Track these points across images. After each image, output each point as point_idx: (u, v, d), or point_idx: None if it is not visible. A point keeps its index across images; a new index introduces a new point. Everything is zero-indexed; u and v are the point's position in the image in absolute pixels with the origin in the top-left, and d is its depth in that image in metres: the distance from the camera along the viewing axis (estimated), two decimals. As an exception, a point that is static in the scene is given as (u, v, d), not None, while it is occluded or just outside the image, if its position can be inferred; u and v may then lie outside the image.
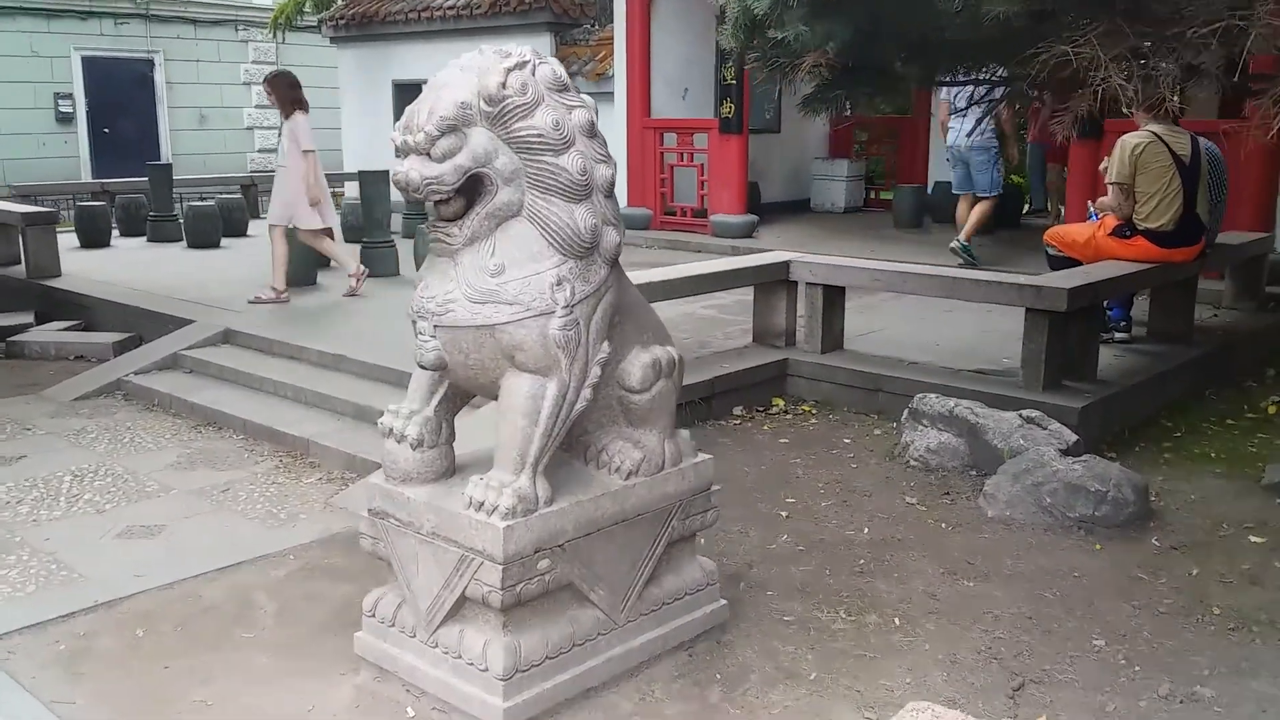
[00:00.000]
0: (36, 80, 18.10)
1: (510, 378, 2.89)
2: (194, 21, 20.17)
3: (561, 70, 2.94)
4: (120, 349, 7.24)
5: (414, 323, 2.98)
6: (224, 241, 11.26)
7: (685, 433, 3.38)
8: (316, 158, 7.94)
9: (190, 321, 7.14)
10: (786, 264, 6.24)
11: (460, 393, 3.15)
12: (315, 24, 16.28)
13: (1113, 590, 3.82)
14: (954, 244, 8.94)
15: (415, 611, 3.06)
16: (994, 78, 3.82)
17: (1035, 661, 3.36)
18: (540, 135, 2.81)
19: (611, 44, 12.13)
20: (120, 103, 19.34)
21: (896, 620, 3.61)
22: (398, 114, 14.12)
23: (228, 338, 6.89)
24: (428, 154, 2.78)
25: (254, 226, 12.28)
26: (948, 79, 3.76)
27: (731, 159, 10.85)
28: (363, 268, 8.22)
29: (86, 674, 3.27)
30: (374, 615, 3.21)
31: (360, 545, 3.23)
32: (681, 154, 11.56)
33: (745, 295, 6.80)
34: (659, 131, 11.55)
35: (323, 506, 4.67)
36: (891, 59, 3.19)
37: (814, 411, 5.89)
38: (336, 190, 17.49)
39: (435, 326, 2.90)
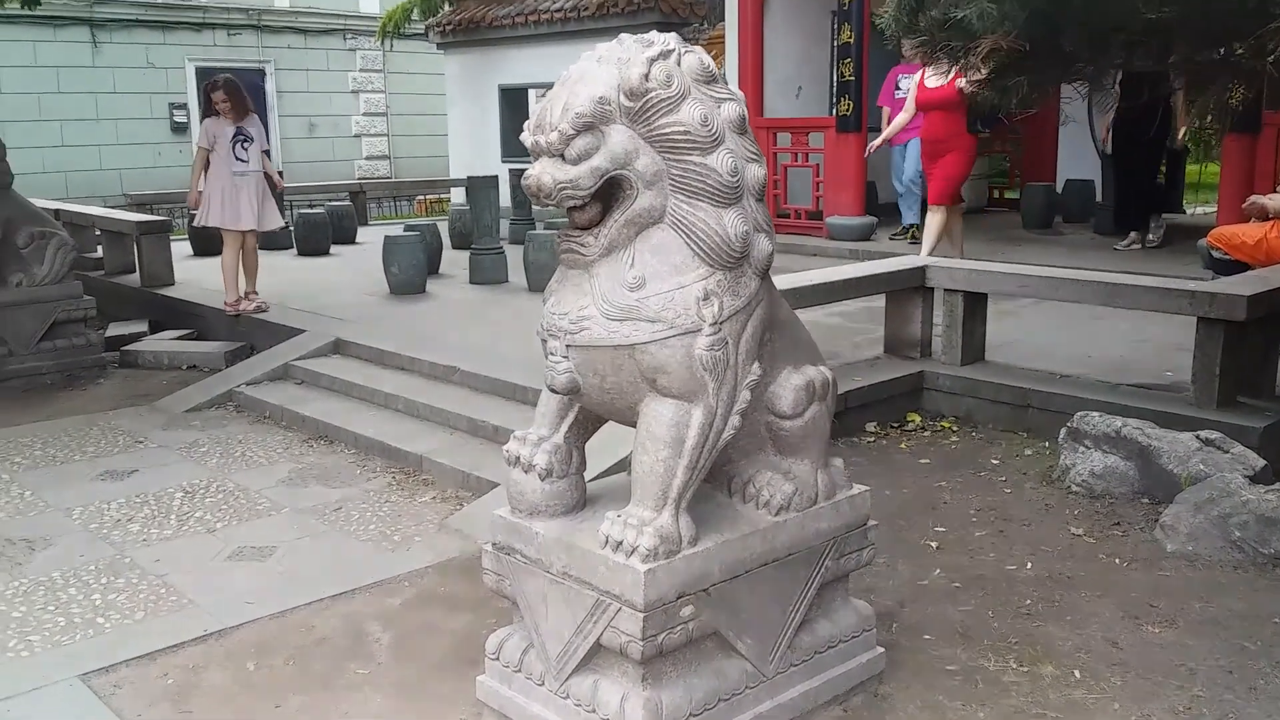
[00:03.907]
0: (152, 91, 18.52)
1: (651, 403, 2.58)
2: (304, 31, 20.46)
3: (709, 60, 2.63)
4: (232, 358, 7.19)
5: (543, 342, 2.68)
6: (333, 249, 11.25)
7: (839, 462, 3.03)
8: None
9: (301, 331, 7.04)
10: (923, 269, 5.83)
11: (592, 417, 2.85)
12: (422, 31, 16.30)
13: (1327, 642, 3.34)
14: None
15: (544, 657, 2.78)
16: (1179, 62, 3.38)
17: (1244, 727, 2.92)
18: (687, 132, 2.50)
19: (722, 43, 11.78)
20: (233, 113, 19.69)
21: (1076, 673, 3.19)
22: (505, 120, 14.10)
23: (338, 348, 6.76)
24: (561, 155, 2.49)
25: (363, 233, 12.27)
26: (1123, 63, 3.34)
27: (849, 158, 10.39)
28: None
29: (195, 713, 3.08)
30: (498, 658, 2.93)
31: (484, 581, 2.95)
32: (795, 154, 11.15)
33: (871, 302, 6.39)
34: (772, 131, 11.16)
35: (437, 528, 4.44)
36: (1078, 42, 2.81)
37: (955, 428, 5.46)
38: (443, 196, 17.59)
39: (568, 346, 2.60)
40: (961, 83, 7.03)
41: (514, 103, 15.03)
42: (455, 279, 9.12)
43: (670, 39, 2.60)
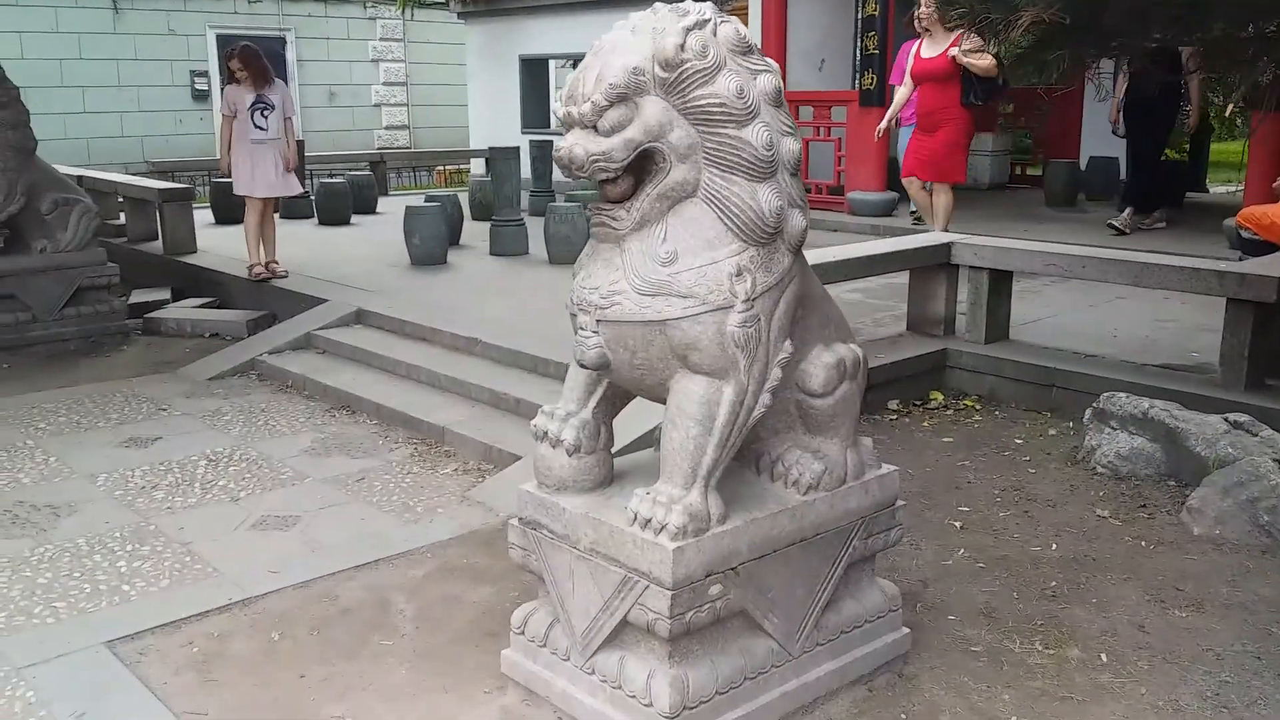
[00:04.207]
0: (173, 59, 18.45)
1: (681, 380, 2.56)
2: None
3: (745, 30, 2.59)
4: (254, 327, 7.20)
5: (573, 316, 2.66)
6: (354, 219, 11.24)
7: (868, 441, 3.01)
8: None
9: (323, 300, 7.04)
10: (948, 246, 5.77)
11: (620, 393, 2.83)
12: (443, 0, 16.21)
13: (1357, 629, 3.31)
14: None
15: (570, 633, 2.78)
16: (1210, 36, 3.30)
17: (1273, 711, 2.90)
18: (723, 104, 2.46)
19: (745, 14, 11.66)
20: (253, 80, 19.63)
21: (1103, 656, 3.17)
22: (525, 90, 14.02)
23: (360, 318, 6.75)
24: (594, 127, 2.46)
25: (383, 203, 12.26)
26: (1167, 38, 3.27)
27: (872, 133, 10.27)
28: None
29: (220, 681, 3.09)
30: (523, 633, 2.94)
31: (510, 555, 2.95)
32: (818, 128, 11.06)
33: (893, 278, 6.34)
34: (795, 105, 11.03)
35: (459, 500, 4.44)
36: (1120, 16, 2.74)
37: (977, 407, 5.42)
38: (463, 167, 17.53)
39: (598, 321, 2.58)
40: (955, 52, 6.79)
41: (535, 73, 14.95)
42: (475, 250, 9.10)
43: (706, 8, 2.56)
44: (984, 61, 6.78)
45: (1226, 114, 14.74)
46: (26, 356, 6.72)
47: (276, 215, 8.12)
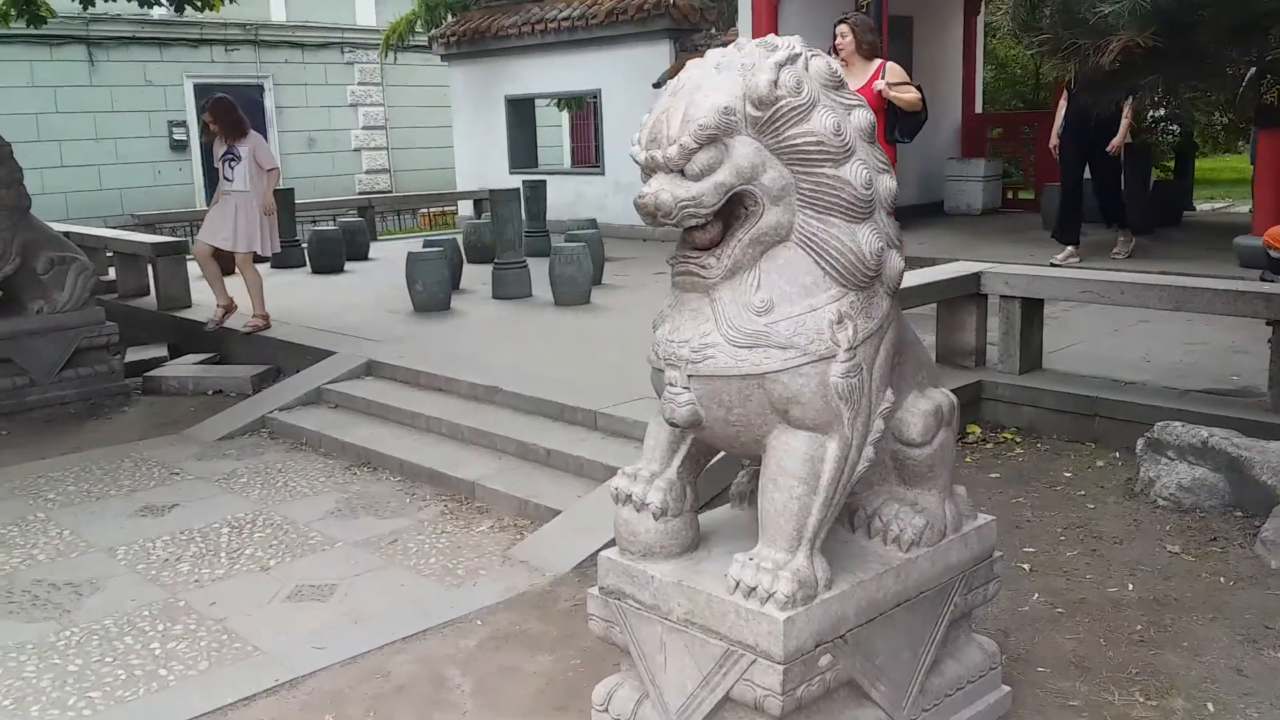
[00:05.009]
0: (150, 109, 18.28)
1: (781, 436, 2.40)
2: (301, 46, 20.24)
3: (836, 64, 2.46)
4: (259, 382, 6.98)
5: (658, 372, 2.50)
6: (347, 265, 11.05)
7: (963, 490, 2.86)
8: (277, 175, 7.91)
9: (330, 353, 6.83)
10: (977, 275, 5.65)
11: (704, 450, 2.67)
12: (426, 43, 16.12)
13: None
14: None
15: (662, 710, 2.59)
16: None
17: (1398, 761, 2.75)
18: (819, 143, 2.32)
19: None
20: (232, 129, 19.44)
21: (1209, 706, 3.02)
22: (511, 130, 13.86)
23: (370, 369, 6.56)
24: (680, 171, 2.31)
25: (375, 249, 12.08)
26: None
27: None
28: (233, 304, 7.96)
29: (278, 774, 2.88)
30: (607, 710, 2.74)
31: (590, 628, 2.76)
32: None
33: (918, 309, 6.21)
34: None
35: (500, 560, 4.25)
36: (1216, 41, 2.63)
37: (1017, 440, 5.29)
38: (448, 209, 17.37)
39: (689, 376, 2.42)
40: (880, 85, 6.12)
41: (521, 113, 14.86)
42: (477, 294, 8.93)
43: (795, 42, 2.43)
44: (909, 95, 6.02)
45: (1204, 132, 14.84)
46: (25, 422, 6.47)
47: (266, 265, 8.01)
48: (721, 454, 2.75)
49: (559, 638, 3.58)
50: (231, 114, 7.67)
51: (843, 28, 6.25)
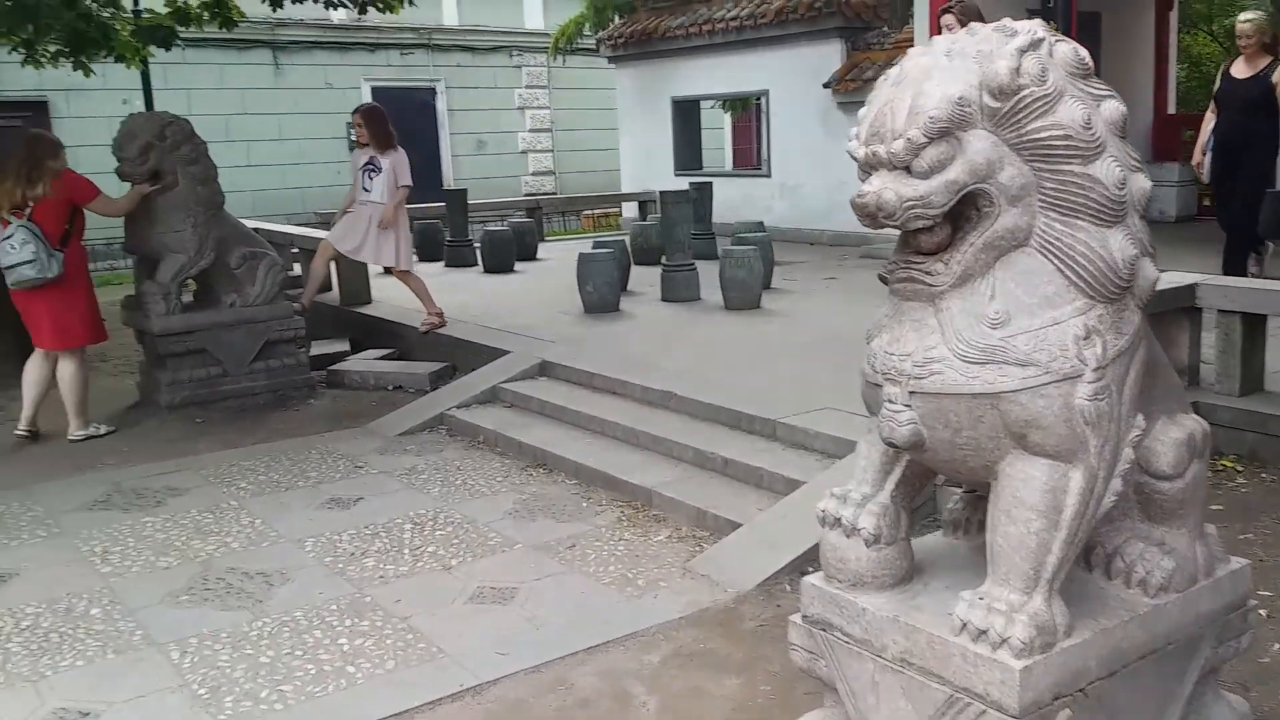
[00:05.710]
0: (331, 111, 19.03)
1: (1017, 463, 2.18)
2: (472, 49, 20.77)
3: (1084, 51, 2.22)
4: (436, 379, 7.10)
5: (875, 387, 2.32)
6: (517, 265, 11.20)
7: (1213, 529, 2.57)
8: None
9: (504, 352, 6.88)
10: (1191, 288, 5.22)
11: (921, 472, 2.46)
12: (593, 45, 16.25)
13: None
14: None
15: (872, 752, 2.41)
16: None
17: None
18: (1067, 137, 2.09)
19: (910, 47, 11.22)
20: (406, 130, 19.93)
21: None
22: (676, 132, 13.79)
23: (544, 370, 6.56)
24: (906, 168, 2.11)
25: (542, 250, 12.22)
26: None
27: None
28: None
29: (470, 784, 2.83)
30: (809, 748, 2.58)
31: (791, 658, 2.60)
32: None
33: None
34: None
35: (680, 572, 4.13)
36: None
37: (1239, 469, 4.85)
38: (611, 211, 17.48)
39: (911, 393, 2.22)
40: None
41: (687, 115, 14.80)
42: (645, 296, 8.87)
43: (1037, 25, 2.20)
44: None
45: None
46: (218, 411, 6.75)
47: (439, 265, 8.12)
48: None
49: (745, 660, 3.43)
50: (383, 125, 7.80)
51: (948, 18, 5.83)
